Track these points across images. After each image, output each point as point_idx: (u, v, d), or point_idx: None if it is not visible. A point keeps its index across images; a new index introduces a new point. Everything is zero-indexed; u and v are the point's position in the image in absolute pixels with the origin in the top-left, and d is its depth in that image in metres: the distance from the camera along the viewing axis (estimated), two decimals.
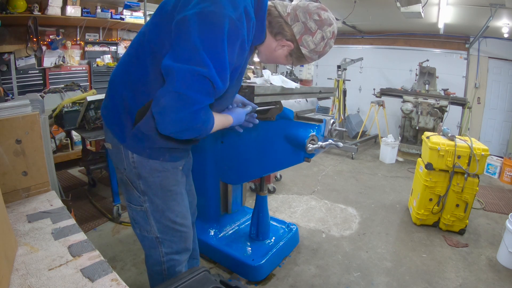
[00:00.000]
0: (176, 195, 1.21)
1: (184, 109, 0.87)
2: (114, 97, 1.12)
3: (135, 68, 1.06)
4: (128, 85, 1.07)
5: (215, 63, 0.88)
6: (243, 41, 0.96)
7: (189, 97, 0.87)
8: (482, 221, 2.97)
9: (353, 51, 6.29)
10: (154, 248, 1.23)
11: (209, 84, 0.89)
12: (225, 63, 0.91)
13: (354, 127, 6.00)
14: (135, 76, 1.05)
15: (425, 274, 2.15)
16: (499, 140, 5.34)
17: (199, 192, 1.53)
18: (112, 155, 1.18)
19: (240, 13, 0.93)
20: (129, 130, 1.08)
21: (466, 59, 5.40)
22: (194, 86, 0.87)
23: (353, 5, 3.94)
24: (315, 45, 1.08)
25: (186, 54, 0.87)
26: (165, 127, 0.91)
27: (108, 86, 1.17)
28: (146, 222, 1.19)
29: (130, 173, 1.14)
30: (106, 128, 1.17)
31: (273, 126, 1.64)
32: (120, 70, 1.12)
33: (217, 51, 0.89)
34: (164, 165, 1.15)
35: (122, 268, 2.06)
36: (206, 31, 0.88)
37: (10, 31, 3.49)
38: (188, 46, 0.87)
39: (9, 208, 1.15)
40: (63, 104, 2.66)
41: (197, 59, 0.86)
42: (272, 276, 2.05)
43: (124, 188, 1.20)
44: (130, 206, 1.21)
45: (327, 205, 3.17)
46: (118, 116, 1.10)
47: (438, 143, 2.58)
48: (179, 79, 0.86)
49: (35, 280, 0.80)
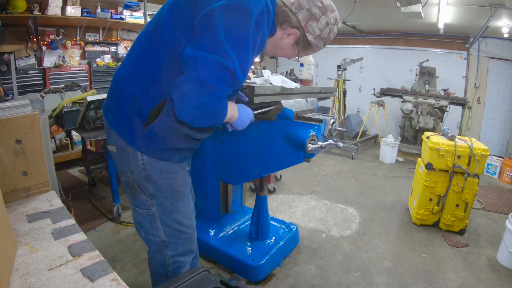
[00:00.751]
0: (184, 196, 1.21)
1: (206, 95, 0.89)
2: (121, 98, 1.10)
3: (146, 67, 1.04)
4: (138, 85, 1.05)
5: (239, 57, 0.91)
6: (263, 36, 1.00)
7: (211, 84, 0.88)
8: (482, 221, 2.97)
9: (353, 51, 6.29)
10: (159, 252, 1.22)
11: (231, 75, 0.91)
12: (248, 58, 0.94)
13: (354, 127, 6.00)
14: (147, 75, 1.04)
15: (425, 274, 2.15)
16: (499, 140, 5.34)
17: (199, 192, 1.53)
18: (117, 158, 1.16)
19: (263, 8, 0.95)
20: (139, 131, 1.06)
21: (466, 59, 5.40)
22: (218, 75, 0.89)
23: (353, 5, 3.94)
24: (320, 31, 1.10)
25: (211, 45, 0.89)
26: (185, 113, 0.92)
27: (112, 87, 1.15)
28: (152, 226, 1.18)
29: (139, 176, 1.12)
30: (111, 130, 1.14)
31: (273, 126, 1.64)
32: (127, 70, 1.10)
33: (242, 46, 0.91)
34: (174, 167, 1.15)
35: (122, 268, 2.06)
36: (232, 26, 0.89)
37: (10, 31, 3.49)
38: (213, 37, 0.89)
39: (9, 208, 1.15)
40: (63, 104, 2.66)
41: (222, 51, 0.88)
42: (272, 276, 2.05)
43: (130, 192, 1.18)
44: (136, 210, 1.19)
45: (327, 205, 3.17)
46: (127, 117, 1.08)
47: (438, 143, 2.58)
48: (203, 66, 0.88)
49: (35, 280, 0.80)
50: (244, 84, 1.42)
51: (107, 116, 1.16)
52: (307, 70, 5.42)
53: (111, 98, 1.14)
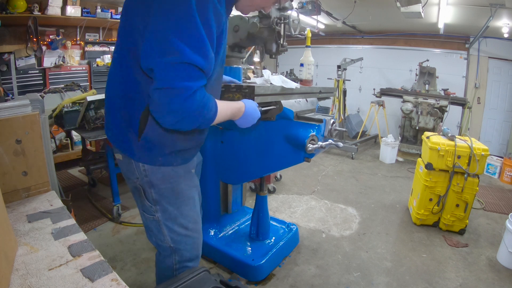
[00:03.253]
0: (189, 199, 1.19)
1: (175, 100, 0.86)
2: (112, 112, 1.09)
3: (122, 78, 1.03)
4: (122, 99, 1.04)
5: (190, 43, 0.84)
6: (214, 5, 0.88)
7: (174, 88, 0.85)
8: (482, 221, 2.97)
9: (353, 51, 6.28)
10: (168, 256, 1.22)
11: (191, 67, 0.86)
12: (202, 38, 0.86)
13: (354, 127, 6.00)
14: (125, 86, 1.02)
15: (425, 274, 2.15)
16: (499, 140, 5.34)
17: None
18: (123, 165, 1.15)
19: None
20: (135, 143, 1.05)
21: (466, 59, 5.40)
22: (176, 77, 0.85)
23: (353, 5, 3.94)
24: None
25: (156, 47, 0.85)
26: (164, 120, 0.91)
27: (105, 102, 1.15)
28: (159, 232, 1.18)
29: (143, 182, 1.12)
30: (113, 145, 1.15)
31: (273, 126, 1.64)
32: (110, 86, 1.09)
33: (189, 29, 0.84)
34: (177, 170, 1.13)
35: (122, 268, 2.06)
36: (169, 13, 0.84)
37: (10, 31, 3.49)
38: (156, 36, 0.85)
39: (9, 208, 1.15)
40: (63, 104, 2.66)
41: (169, 48, 0.83)
42: (272, 276, 2.05)
43: (138, 196, 1.17)
44: (144, 215, 1.19)
45: (327, 205, 3.17)
46: (122, 132, 1.07)
47: (438, 143, 2.58)
48: (159, 75, 0.85)
49: (35, 280, 0.80)
50: (244, 84, 1.42)
51: (106, 131, 1.17)
52: (307, 70, 5.40)
53: (108, 116, 1.14)
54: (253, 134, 1.76)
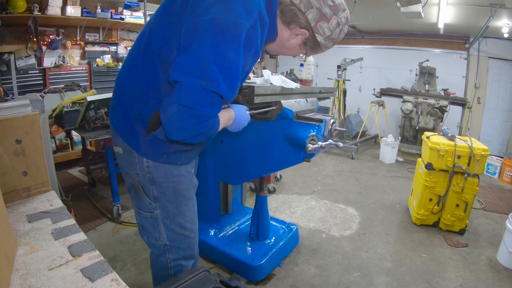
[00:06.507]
0: (188, 200, 1.19)
1: (191, 119, 0.87)
2: (123, 103, 1.08)
3: (143, 74, 1.02)
4: (138, 92, 1.03)
5: (226, 75, 0.86)
6: (257, 49, 0.94)
7: (196, 110, 0.86)
8: (482, 221, 2.97)
9: (353, 51, 6.28)
10: (161, 255, 1.22)
11: (217, 97, 0.88)
12: (238, 75, 0.89)
13: (354, 127, 6.00)
14: (145, 83, 1.01)
15: (425, 274, 2.15)
16: (499, 140, 5.34)
17: (199, 192, 1.52)
18: (122, 159, 1.14)
19: (255, 20, 0.89)
20: (143, 137, 1.05)
21: (466, 59, 5.40)
22: (203, 101, 0.86)
23: (353, 5, 3.94)
24: (331, 32, 1.04)
25: (195, 67, 0.84)
26: (173, 134, 0.92)
27: (114, 90, 1.14)
28: (155, 230, 1.18)
29: (143, 179, 1.11)
30: (116, 134, 1.13)
31: (273, 126, 1.64)
32: (126, 76, 1.09)
33: (230, 63, 0.86)
34: (179, 169, 1.13)
35: (122, 268, 2.06)
36: (219, 43, 0.84)
37: (10, 31, 3.49)
38: (197, 58, 0.84)
39: (9, 208, 1.14)
40: (63, 104, 2.66)
41: (206, 74, 0.84)
42: (272, 276, 2.05)
43: (134, 194, 1.17)
44: (140, 213, 1.18)
45: (327, 205, 3.17)
46: (130, 123, 1.07)
47: (438, 143, 2.58)
48: (187, 92, 0.84)
49: (35, 280, 0.80)
50: (244, 84, 1.42)
51: (112, 120, 1.15)
52: (307, 70, 5.42)
53: (115, 102, 1.13)
54: (253, 134, 1.76)
